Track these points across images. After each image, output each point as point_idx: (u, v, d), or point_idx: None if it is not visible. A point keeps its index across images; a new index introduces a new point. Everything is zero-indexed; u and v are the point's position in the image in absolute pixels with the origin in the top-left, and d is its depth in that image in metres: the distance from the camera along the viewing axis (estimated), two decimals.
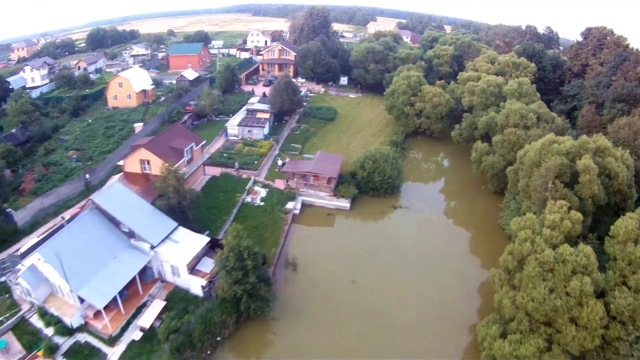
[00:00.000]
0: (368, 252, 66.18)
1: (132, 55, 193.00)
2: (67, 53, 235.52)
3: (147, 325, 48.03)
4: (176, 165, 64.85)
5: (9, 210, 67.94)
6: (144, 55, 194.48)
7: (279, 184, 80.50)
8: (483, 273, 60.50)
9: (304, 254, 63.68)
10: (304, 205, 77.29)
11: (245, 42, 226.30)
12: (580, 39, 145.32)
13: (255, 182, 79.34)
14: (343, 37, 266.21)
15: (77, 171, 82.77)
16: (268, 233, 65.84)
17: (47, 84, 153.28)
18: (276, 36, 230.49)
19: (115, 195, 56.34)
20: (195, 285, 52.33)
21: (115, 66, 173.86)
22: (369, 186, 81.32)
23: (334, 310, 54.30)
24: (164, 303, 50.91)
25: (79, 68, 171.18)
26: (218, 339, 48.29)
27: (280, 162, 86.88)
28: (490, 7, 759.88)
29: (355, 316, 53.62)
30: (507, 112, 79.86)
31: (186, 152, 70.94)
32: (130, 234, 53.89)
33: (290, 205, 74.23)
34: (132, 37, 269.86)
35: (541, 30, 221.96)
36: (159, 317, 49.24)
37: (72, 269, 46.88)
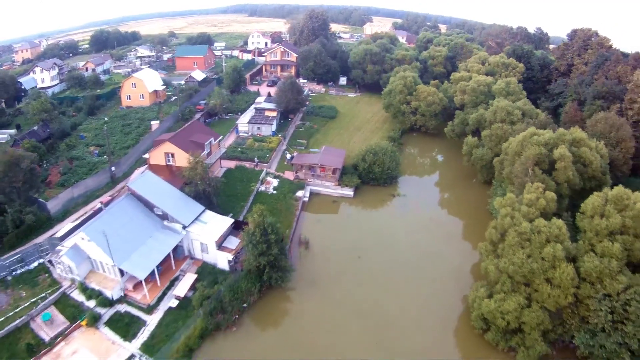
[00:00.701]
0: (370, 233, 74.36)
1: (137, 57, 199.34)
2: (71, 54, 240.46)
3: (182, 295, 55.55)
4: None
5: (41, 200, 75.03)
6: (149, 56, 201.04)
7: (289, 175, 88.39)
8: (474, 253, 68.03)
9: (314, 235, 71.63)
10: (312, 193, 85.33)
11: (246, 43, 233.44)
12: (567, 39, 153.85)
13: (267, 174, 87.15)
14: (340, 37, 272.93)
15: (100, 165, 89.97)
16: (282, 217, 73.42)
17: (56, 84, 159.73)
18: (276, 38, 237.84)
19: (149, 183, 63.88)
20: (222, 260, 59.94)
21: (123, 67, 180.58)
22: (370, 176, 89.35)
23: (344, 281, 62.36)
24: (195, 276, 58.52)
25: (86, 69, 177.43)
26: (245, 305, 55.91)
27: (289, 156, 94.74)
28: (485, 6, 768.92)
29: (362, 284, 61.90)
30: (495, 109, 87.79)
31: (206, 146, 78.40)
32: (164, 216, 61.37)
33: (299, 193, 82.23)
34: (134, 38, 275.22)
35: (532, 31, 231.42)
36: (191, 288, 56.76)
37: (114, 246, 54.18)
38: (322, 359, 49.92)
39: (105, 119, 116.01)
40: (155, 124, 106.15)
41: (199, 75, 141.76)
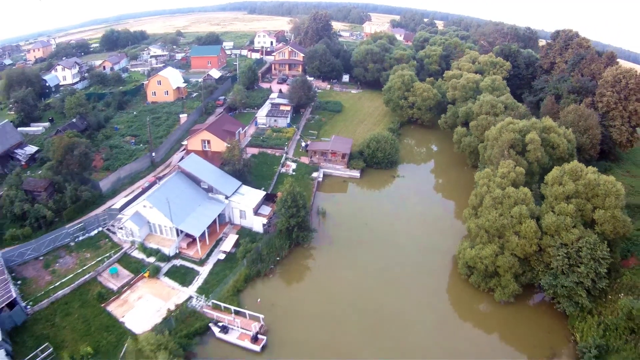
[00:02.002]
0: (375, 206, 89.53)
1: (151, 56, 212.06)
2: (82, 53, 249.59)
3: (227, 250, 69.81)
4: None
5: (94, 180, 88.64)
6: (162, 55, 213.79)
7: (305, 159, 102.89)
8: (461, 222, 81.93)
9: (328, 207, 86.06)
10: (325, 175, 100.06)
11: (252, 42, 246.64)
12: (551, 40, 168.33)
13: (286, 158, 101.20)
14: (340, 35, 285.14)
15: (137, 152, 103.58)
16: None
17: (77, 82, 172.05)
18: (280, 37, 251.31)
19: (195, 162, 78.08)
20: (258, 224, 74.31)
21: (139, 66, 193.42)
22: (373, 161, 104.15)
23: (354, 242, 77.34)
24: (237, 236, 72.81)
25: (104, 68, 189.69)
26: (278, 258, 70.41)
27: (303, 144, 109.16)
28: (483, 2, 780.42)
29: (369, 244, 76.93)
30: (481, 103, 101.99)
31: (236, 134, 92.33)
32: (209, 190, 75.49)
33: (314, 174, 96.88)
34: (142, 37, 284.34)
35: (523, 30, 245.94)
36: (234, 246, 70.87)
37: (172, 212, 68.10)
38: (338, 301, 64.09)
39: (135, 113, 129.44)
40: (183, 117, 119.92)
41: (215, 73, 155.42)
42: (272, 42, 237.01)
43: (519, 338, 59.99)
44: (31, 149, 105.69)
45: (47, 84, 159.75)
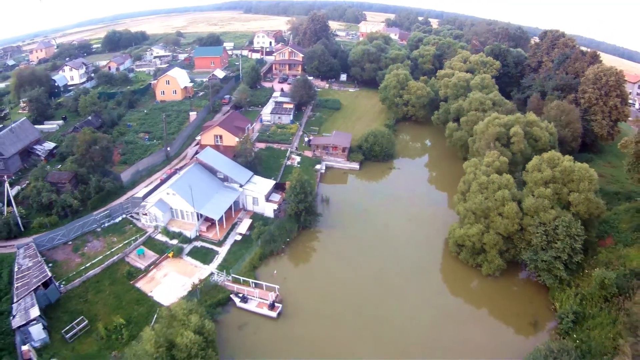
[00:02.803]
0: (373, 194, 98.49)
1: (155, 57, 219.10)
2: (85, 54, 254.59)
3: (243, 232, 77.94)
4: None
5: (115, 172, 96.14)
6: (165, 56, 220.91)
7: (308, 153, 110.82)
8: (451, 212, 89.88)
9: (331, 195, 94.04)
10: (327, 167, 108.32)
11: (251, 42, 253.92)
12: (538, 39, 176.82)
13: (291, 152, 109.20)
14: (336, 35, 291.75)
15: (151, 147, 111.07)
16: None
17: (84, 82, 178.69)
18: (278, 37, 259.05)
19: (210, 155, 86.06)
20: (269, 210, 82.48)
21: (144, 66, 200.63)
22: (371, 154, 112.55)
23: (354, 225, 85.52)
24: (251, 221, 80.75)
25: (109, 68, 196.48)
26: (288, 239, 78.52)
27: (306, 139, 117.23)
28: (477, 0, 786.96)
29: (368, 228, 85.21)
30: (471, 100, 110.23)
31: (246, 129, 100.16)
32: (224, 179, 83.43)
33: (317, 166, 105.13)
34: (143, 38, 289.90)
35: (513, 30, 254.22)
36: (248, 229, 78.77)
37: (193, 198, 75.84)
38: (343, 276, 72.32)
39: (145, 111, 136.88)
40: (193, 114, 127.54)
41: (220, 73, 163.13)
42: (271, 43, 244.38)
43: (504, 308, 68.07)
44: (49, 144, 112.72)
45: (56, 84, 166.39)
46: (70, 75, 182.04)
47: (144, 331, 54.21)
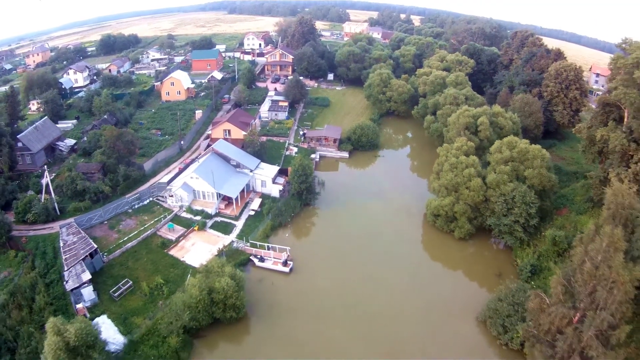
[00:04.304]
0: (362, 178, 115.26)
1: (152, 60, 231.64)
2: (81, 57, 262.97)
3: (255, 208, 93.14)
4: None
5: (139, 163, 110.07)
6: (162, 59, 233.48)
7: (303, 145, 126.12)
8: (428, 193, 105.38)
9: (325, 179, 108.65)
10: (321, 156, 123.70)
11: (242, 44, 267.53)
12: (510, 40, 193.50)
13: (289, 144, 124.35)
14: (321, 35, 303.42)
15: (165, 142, 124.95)
16: None
17: (88, 84, 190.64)
18: (267, 38, 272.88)
19: (224, 145, 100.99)
20: (275, 191, 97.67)
21: (144, 69, 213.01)
22: (359, 144, 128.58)
23: (347, 202, 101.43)
24: (260, 200, 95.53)
25: (110, 71, 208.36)
26: (292, 214, 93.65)
27: (301, 132, 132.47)
28: None
29: (359, 204, 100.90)
30: (446, 96, 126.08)
31: (251, 124, 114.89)
32: (237, 165, 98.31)
33: (313, 156, 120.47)
34: (136, 41, 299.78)
35: (489, 29, 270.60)
36: (259, 206, 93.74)
37: (212, 181, 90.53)
38: (340, 241, 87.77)
39: (153, 110, 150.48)
40: (198, 112, 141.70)
41: (218, 75, 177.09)
42: (260, 45, 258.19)
43: (474, 264, 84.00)
44: (70, 141, 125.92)
45: (63, 86, 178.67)
46: (75, 78, 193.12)
47: (188, 281, 69.15)
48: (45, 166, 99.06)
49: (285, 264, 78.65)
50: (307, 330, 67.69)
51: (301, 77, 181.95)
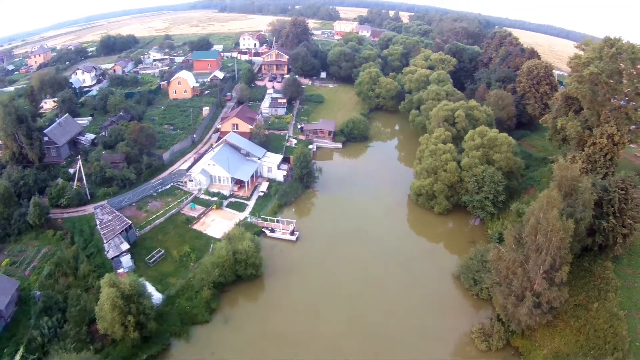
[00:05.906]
0: (355, 164, 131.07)
1: (154, 60, 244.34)
2: (82, 58, 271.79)
3: (264, 190, 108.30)
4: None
5: (159, 154, 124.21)
6: (163, 59, 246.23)
7: (301, 137, 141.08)
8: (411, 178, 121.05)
9: (322, 167, 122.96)
10: (317, 147, 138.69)
11: (237, 44, 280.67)
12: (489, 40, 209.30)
13: (289, 136, 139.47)
14: (312, 34, 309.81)
15: (177, 136, 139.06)
16: None
17: (95, 83, 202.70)
18: (261, 38, 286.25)
19: (234, 137, 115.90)
20: (280, 176, 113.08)
21: (148, 69, 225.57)
22: (351, 136, 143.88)
23: (342, 186, 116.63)
24: (268, 183, 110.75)
25: (114, 71, 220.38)
26: (296, 195, 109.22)
27: (299, 126, 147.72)
28: None
29: (353, 189, 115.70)
30: (429, 92, 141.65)
31: (256, 119, 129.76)
32: (246, 154, 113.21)
33: (310, 146, 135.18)
34: (135, 42, 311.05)
35: (473, 28, 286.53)
36: (267, 188, 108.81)
37: (228, 166, 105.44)
38: (337, 216, 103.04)
39: (163, 107, 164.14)
40: (205, 109, 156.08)
41: (219, 74, 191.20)
42: (255, 44, 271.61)
43: (451, 234, 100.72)
44: (90, 135, 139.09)
45: (73, 86, 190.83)
46: (83, 78, 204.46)
47: (211, 248, 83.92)
48: (79, 156, 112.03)
49: (292, 233, 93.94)
50: (313, 284, 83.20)
51: (296, 76, 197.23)
